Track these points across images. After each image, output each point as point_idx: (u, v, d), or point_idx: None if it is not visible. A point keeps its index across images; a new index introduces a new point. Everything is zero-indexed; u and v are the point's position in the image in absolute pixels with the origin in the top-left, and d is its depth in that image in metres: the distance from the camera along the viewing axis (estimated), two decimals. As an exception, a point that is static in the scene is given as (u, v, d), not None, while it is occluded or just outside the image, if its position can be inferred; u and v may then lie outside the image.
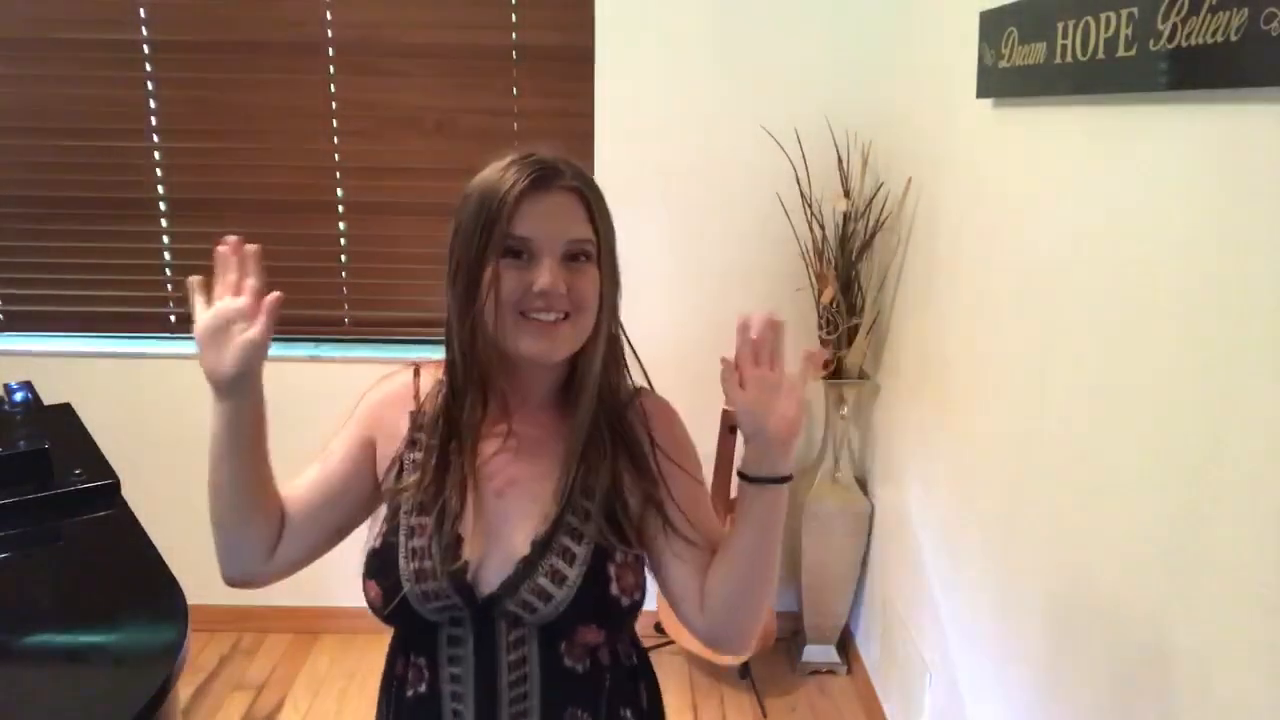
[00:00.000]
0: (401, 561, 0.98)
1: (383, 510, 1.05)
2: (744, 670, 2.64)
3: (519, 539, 0.99)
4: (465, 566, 0.97)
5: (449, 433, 1.03)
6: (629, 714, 1.10)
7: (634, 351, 1.08)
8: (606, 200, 1.02)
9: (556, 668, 1.01)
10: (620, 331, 1.05)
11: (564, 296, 0.96)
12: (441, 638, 1.01)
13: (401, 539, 0.99)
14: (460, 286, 0.98)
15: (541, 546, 0.98)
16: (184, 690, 2.50)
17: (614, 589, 0.99)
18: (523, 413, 1.05)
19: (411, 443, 1.06)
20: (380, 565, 1.00)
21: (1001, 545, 1.69)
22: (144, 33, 2.56)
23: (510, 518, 1.01)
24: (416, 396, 1.09)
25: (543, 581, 0.97)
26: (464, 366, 1.01)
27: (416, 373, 1.11)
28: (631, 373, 1.08)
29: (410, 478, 1.03)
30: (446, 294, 1.01)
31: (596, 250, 0.99)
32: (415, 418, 1.07)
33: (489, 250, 0.95)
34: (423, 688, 1.02)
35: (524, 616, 0.97)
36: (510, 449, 1.04)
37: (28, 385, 1.78)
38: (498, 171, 0.99)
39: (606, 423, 1.03)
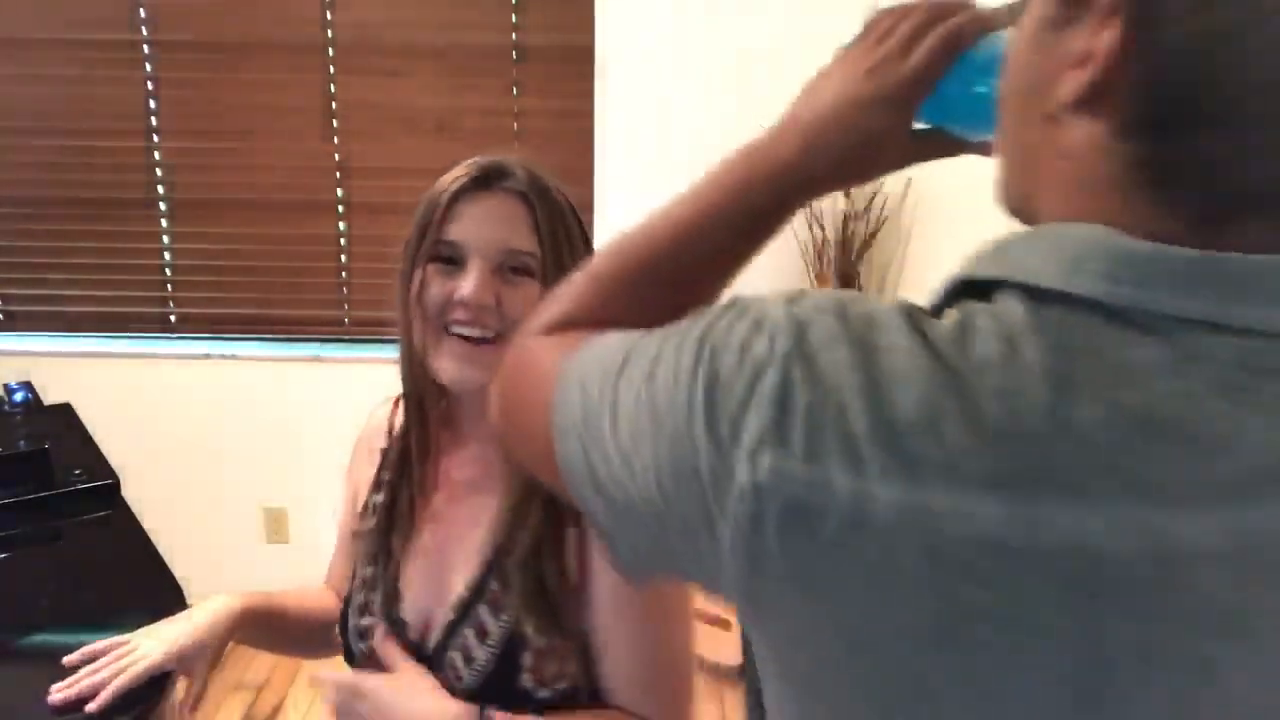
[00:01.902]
0: (351, 617, 0.93)
1: None
2: (745, 670, 2.64)
3: (452, 597, 0.88)
4: (405, 626, 0.89)
5: (401, 471, 0.93)
6: None
7: None
8: (581, 226, 0.91)
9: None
10: None
11: (493, 311, 0.83)
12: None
13: (353, 593, 0.94)
14: (399, 299, 0.88)
15: (462, 611, 0.86)
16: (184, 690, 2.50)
17: (525, 680, 0.83)
18: (474, 448, 0.93)
19: (377, 485, 0.97)
20: (341, 620, 0.95)
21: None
22: (144, 33, 2.56)
23: (444, 570, 0.90)
24: (390, 432, 0.98)
25: (454, 655, 0.85)
26: (410, 394, 0.92)
27: (396, 405, 1.00)
28: None
29: (369, 523, 0.95)
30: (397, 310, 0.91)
31: (542, 266, 0.85)
32: (384, 455, 0.97)
33: (419, 255, 0.86)
34: None
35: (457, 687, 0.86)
36: (453, 490, 0.93)
37: (28, 385, 1.78)
38: (449, 172, 0.90)
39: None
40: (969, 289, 0.44)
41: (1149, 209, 0.40)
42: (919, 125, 0.58)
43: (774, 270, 2.55)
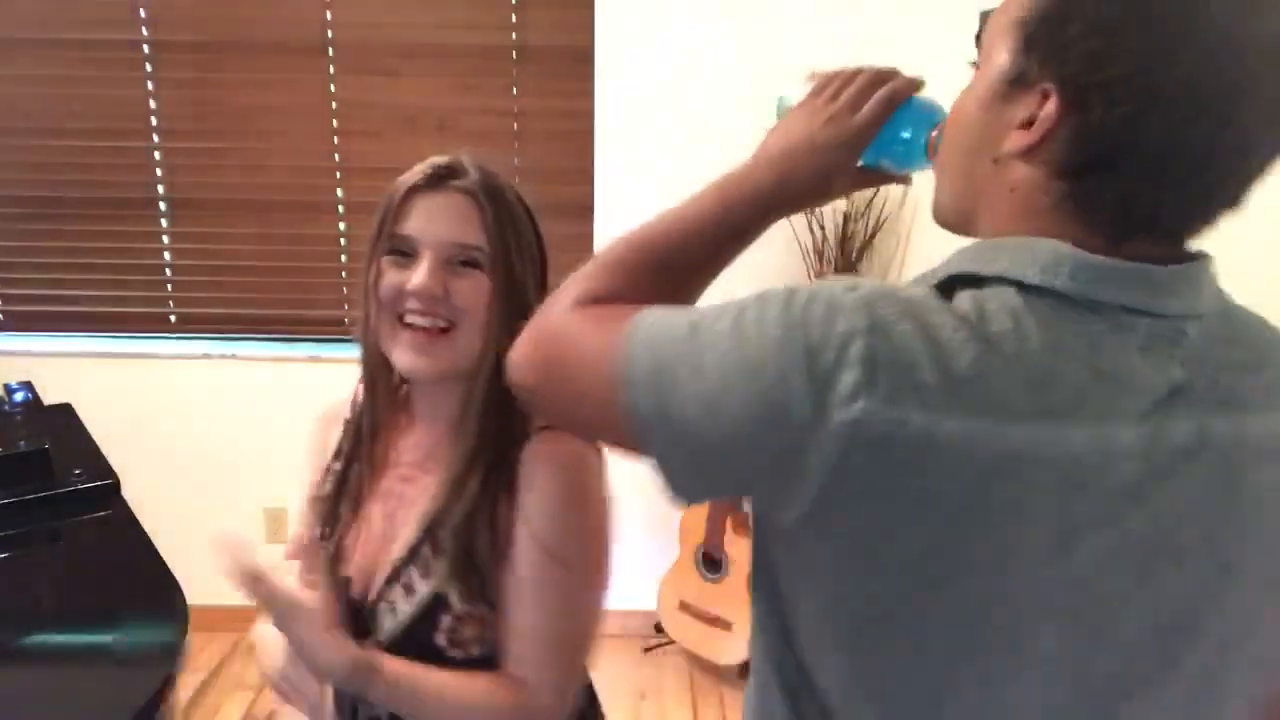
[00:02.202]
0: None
1: None
2: (744, 670, 2.64)
3: (390, 559, 0.95)
4: (347, 582, 0.95)
5: (355, 445, 1.00)
6: None
7: None
8: (534, 224, 0.96)
9: None
10: None
11: (443, 302, 0.89)
12: None
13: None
14: (361, 291, 0.94)
15: (394, 572, 0.94)
16: (184, 690, 2.50)
17: (439, 639, 0.90)
18: (425, 431, 0.99)
19: (337, 453, 1.03)
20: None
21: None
22: (144, 33, 2.56)
23: (388, 540, 0.97)
24: (354, 404, 1.04)
25: (384, 609, 0.93)
26: (366, 378, 0.98)
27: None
28: None
29: (325, 489, 1.01)
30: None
31: (490, 261, 0.91)
32: (347, 427, 1.03)
33: (377, 248, 0.92)
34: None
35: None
36: (404, 469, 0.99)
37: (28, 385, 1.78)
38: (405, 174, 0.95)
39: (489, 458, 0.92)
40: (963, 281, 0.60)
41: (1075, 229, 0.58)
42: (861, 162, 0.79)
43: (775, 270, 2.54)
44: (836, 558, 0.58)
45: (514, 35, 2.56)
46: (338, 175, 2.65)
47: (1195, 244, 0.61)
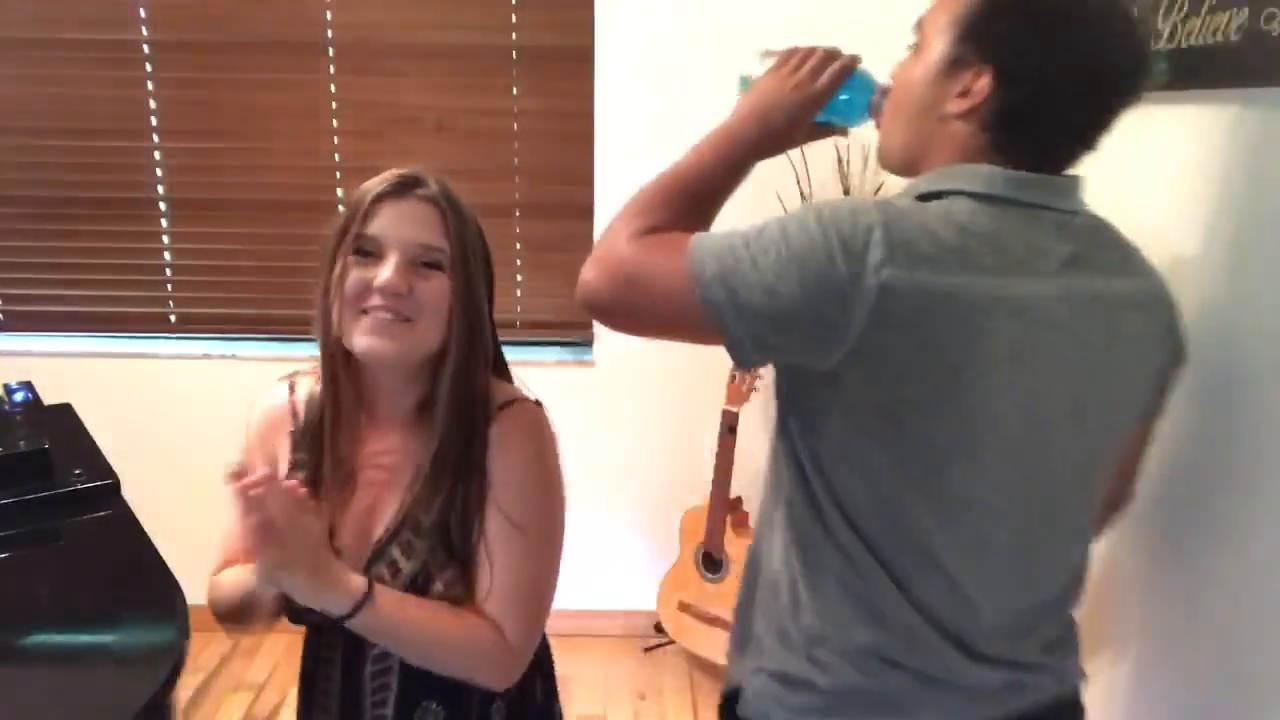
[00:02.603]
0: None
1: None
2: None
3: (371, 542, 1.05)
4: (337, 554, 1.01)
5: (316, 448, 1.06)
6: (501, 705, 1.12)
7: (501, 358, 1.09)
8: (482, 237, 1.05)
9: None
10: (487, 344, 1.05)
11: (406, 299, 0.97)
12: (324, 632, 1.09)
13: None
14: (320, 287, 1.00)
15: (375, 555, 1.03)
16: (184, 690, 2.50)
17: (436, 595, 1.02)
18: (387, 426, 1.06)
19: (293, 465, 1.08)
20: None
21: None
22: (144, 33, 2.56)
23: (369, 527, 1.05)
24: (294, 414, 1.09)
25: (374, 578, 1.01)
26: (326, 372, 1.03)
27: (291, 388, 1.12)
28: (510, 384, 1.09)
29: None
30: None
31: (450, 263, 0.99)
32: (294, 437, 1.09)
33: (340, 249, 0.98)
34: (309, 663, 1.13)
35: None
36: (374, 469, 1.06)
37: (28, 385, 1.78)
38: (370, 180, 1.02)
39: (457, 448, 1.02)
40: (929, 196, 0.89)
41: (998, 160, 0.89)
42: (817, 119, 1.06)
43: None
44: (867, 381, 0.85)
45: (514, 35, 2.56)
46: (338, 175, 2.64)
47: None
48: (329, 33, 2.56)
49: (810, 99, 1.02)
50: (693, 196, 0.97)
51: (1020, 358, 0.85)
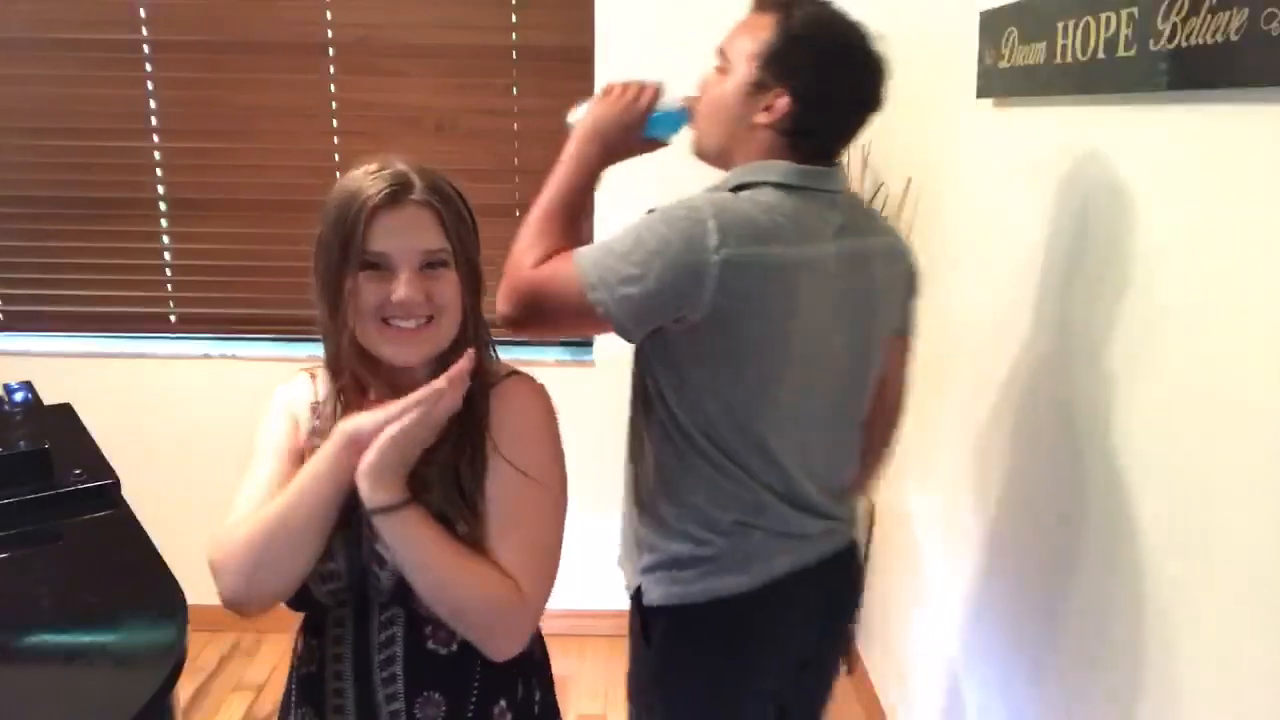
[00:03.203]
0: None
1: None
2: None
3: None
4: (358, 536, 1.02)
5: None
6: (505, 704, 1.11)
7: (491, 343, 1.11)
8: (469, 209, 1.07)
9: (420, 649, 1.05)
10: (483, 330, 1.08)
11: (423, 304, 1.00)
12: (329, 619, 1.08)
13: None
14: (326, 297, 1.03)
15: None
16: (184, 690, 2.50)
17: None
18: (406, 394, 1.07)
19: (313, 445, 1.08)
20: None
21: (1002, 545, 1.69)
22: (144, 33, 2.57)
23: None
24: (316, 395, 1.13)
25: (379, 548, 1.01)
26: (335, 370, 1.07)
27: (312, 376, 1.16)
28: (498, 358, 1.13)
29: None
30: (317, 302, 1.05)
31: (454, 258, 1.03)
32: (315, 409, 1.12)
33: (347, 264, 1.00)
34: (313, 666, 1.10)
35: (381, 584, 1.02)
36: None
37: (28, 385, 1.78)
38: (355, 181, 1.05)
39: (462, 411, 1.02)
40: (740, 187, 1.21)
41: (791, 157, 1.22)
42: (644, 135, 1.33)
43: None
44: (718, 334, 1.16)
45: (514, 35, 2.56)
46: (338, 175, 2.63)
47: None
48: (329, 33, 2.56)
49: (635, 114, 1.29)
50: (563, 219, 1.26)
51: (815, 303, 1.20)
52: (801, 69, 1.17)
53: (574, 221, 1.27)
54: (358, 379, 1.06)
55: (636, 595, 1.32)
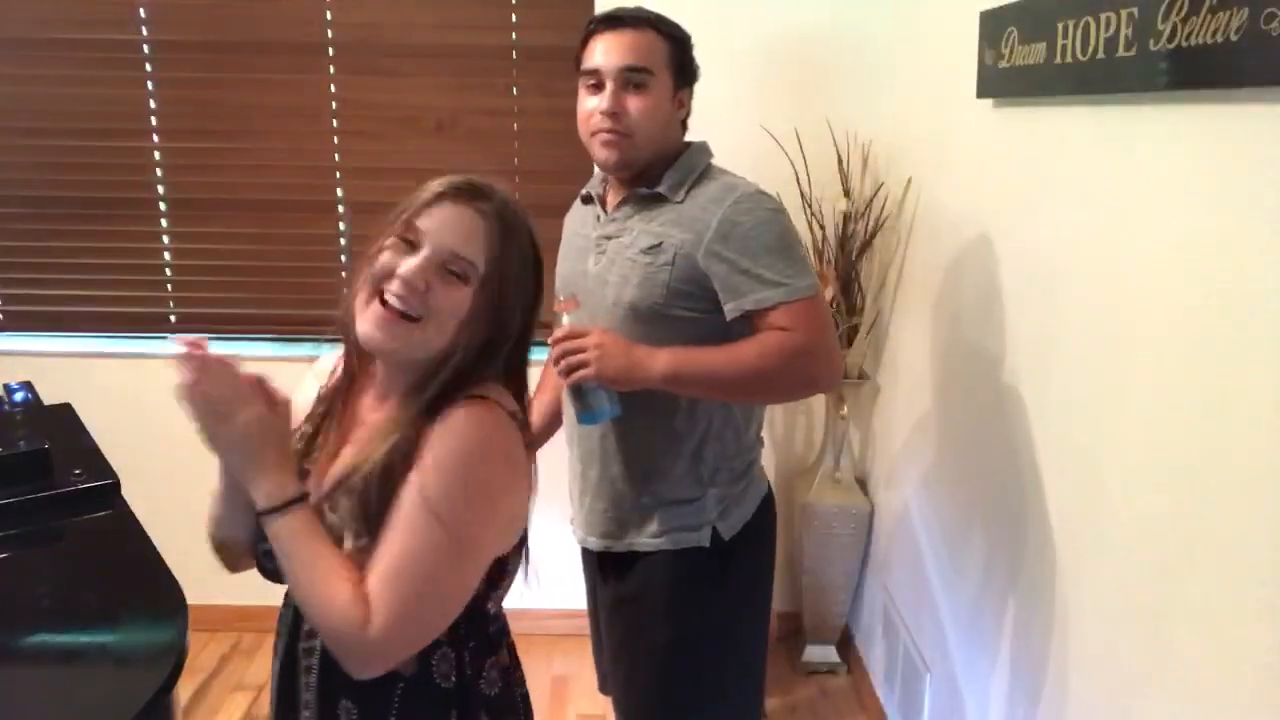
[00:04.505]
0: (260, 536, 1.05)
1: None
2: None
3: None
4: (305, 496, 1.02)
5: (328, 409, 1.11)
6: (403, 687, 1.02)
7: (521, 370, 1.09)
8: (536, 263, 1.06)
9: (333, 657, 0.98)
10: (499, 360, 1.05)
11: (419, 294, 0.98)
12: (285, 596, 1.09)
13: None
14: (365, 258, 1.03)
15: (316, 507, 1.02)
16: (184, 690, 2.50)
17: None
18: (391, 396, 1.07)
19: (309, 417, 1.13)
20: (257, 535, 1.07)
21: (1002, 545, 1.69)
22: (144, 33, 2.56)
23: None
24: (333, 374, 1.15)
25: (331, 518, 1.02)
26: (345, 341, 1.09)
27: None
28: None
29: (295, 446, 1.09)
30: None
31: (483, 280, 1.00)
32: (322, 393, 1.15)
33: (392, 228, 1.01)
34: (278, 649, 1.13)
35: None
36: (361, 433, 1.08)
37: (28, 385, 1.78)
38: (459, 174, 1.05)
39: (416, 425, 1.00)
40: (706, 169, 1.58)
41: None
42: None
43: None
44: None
45: (514, 35, 2.56)
46: (338, 175, 2.65)
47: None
48: (329, 33, 2.56)
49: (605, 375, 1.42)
50: (735, 380, 1.45)
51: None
52: (689, 68, 1.62)
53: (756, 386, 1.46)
54: (356, 360, 1.10)
55: (715, 538, 1.51)
